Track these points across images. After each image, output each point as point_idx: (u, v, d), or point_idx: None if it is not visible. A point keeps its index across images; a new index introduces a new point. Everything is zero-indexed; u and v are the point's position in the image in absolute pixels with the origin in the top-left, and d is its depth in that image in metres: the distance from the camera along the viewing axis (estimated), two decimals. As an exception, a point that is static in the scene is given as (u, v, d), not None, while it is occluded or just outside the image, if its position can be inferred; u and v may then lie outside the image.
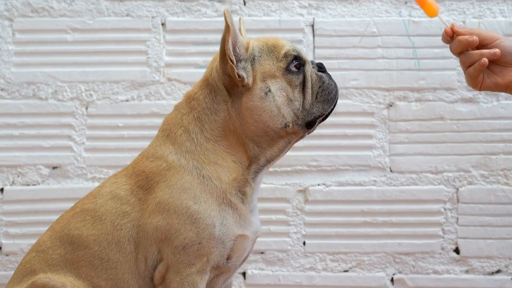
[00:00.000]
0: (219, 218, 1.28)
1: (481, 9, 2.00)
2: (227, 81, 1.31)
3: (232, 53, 1.27)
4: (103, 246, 1.30)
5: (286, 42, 1.37)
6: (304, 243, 1.97)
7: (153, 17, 2.01)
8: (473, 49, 1.36)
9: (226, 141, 1.33)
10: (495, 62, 1.36)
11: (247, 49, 1.31)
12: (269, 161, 1.36)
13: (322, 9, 2.00)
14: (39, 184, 1.97)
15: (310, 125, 1.33)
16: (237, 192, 1.31)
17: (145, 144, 1.89)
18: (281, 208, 1.97)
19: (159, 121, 1.94)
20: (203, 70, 1.92)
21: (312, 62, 1.38)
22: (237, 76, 1.28)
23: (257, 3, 2.01)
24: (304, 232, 1.97)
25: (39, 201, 1.97)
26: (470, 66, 1.35)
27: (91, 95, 1.99)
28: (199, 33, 2.01)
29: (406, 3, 2.00)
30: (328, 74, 1.38)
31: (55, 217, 1.90)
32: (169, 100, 1.99)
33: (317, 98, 1.33)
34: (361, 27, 2.00)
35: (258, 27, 2.00)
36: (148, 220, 1.29)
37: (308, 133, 1.37)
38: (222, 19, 1.97)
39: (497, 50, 1.32)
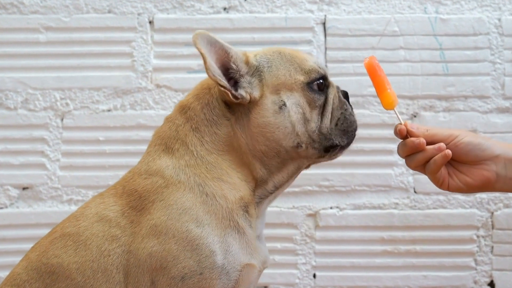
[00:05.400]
0: (224, 245, 1.23)
1: (519, 4, 1.95)
2: (229, 100, 1.29)
3: (221, 77, 1.26)
4: (87, 276, 1.22)
5: (308, 55, 1.36)
6: (314, 276, 1.92)
7: (139, 14, 1.96)
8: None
9: (230, 156, 1.30)
10: (460, 161, 1.33)
11: (247, 62, 1.31)
12: (277, 188, 1.34)
13: (335, 5, 1.96)
14: (7, 207, 1.92)
15: (327, 150, 1.34)
16: (244, 213, 1.28)
17: (130, 160, 1.87)
18: (288, 235, 1.92)
19: (145, 134, 1.89)
20: (197, 75, 1.89)
21: (337, 87, 1.37)
22: (234, 99, 1.27)
23: (259, -3, 1.98)
24: (314, 263, 1.92)
25: (7, 226, 1.92)
26: (416, 167, 1.35)
27: (67, 104, 1.94)
28: (192, 32, 1.92)
29: (432, -3, 1.96)
30: (351, 106, 1.38)
31: (25, 246, 1.83)
32: (157, 110, 1.93)
33: (337, 126, 1.34)
34: (380, 25, 1.95)
35: (261, 26, 1.94)
36: (141, 245, 1.22)
37: (326, 160, 1.37)
38: (220, 16, 1.93)
39: (448, 152, 1.29)
